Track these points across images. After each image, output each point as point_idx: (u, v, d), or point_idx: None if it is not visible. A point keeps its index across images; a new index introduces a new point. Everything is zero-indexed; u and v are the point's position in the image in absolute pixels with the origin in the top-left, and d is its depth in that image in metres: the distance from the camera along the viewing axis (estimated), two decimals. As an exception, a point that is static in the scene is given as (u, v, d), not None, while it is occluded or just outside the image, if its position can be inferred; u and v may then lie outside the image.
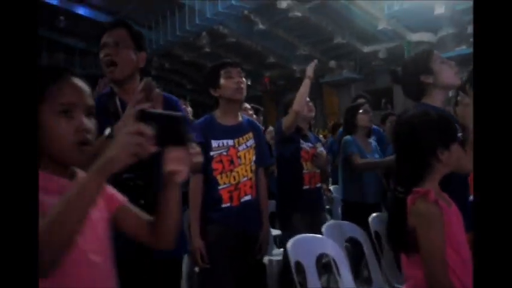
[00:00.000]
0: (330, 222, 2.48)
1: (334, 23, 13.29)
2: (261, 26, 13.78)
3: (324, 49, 15.14)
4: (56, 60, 18.28)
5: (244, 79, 2.10)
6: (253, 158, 2.15)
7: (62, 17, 15.91)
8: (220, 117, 2.13)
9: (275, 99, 17.56)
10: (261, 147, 2.22)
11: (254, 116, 2.74)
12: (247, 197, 2.09)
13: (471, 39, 12.78)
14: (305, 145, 2.78)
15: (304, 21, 13.11)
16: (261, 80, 17.68)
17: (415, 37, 12.77)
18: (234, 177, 2.07)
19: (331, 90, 16.65)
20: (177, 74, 19.26)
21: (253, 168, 2.14)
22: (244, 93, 2.10)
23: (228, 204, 2.04)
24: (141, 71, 1.70)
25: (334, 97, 16.62)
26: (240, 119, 2.19)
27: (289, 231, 2.50)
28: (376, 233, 2.35)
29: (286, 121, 2.67)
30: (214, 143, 2.06)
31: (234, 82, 2.06)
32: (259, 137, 2.23)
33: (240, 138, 2.12)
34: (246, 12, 13.33)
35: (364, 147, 2.97)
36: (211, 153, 2.05)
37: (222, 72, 2.07)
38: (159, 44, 16.01)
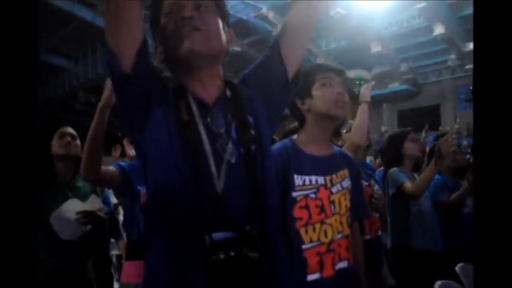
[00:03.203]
0: (442, 282, 1.89)
1: (273, 58, 13.42)
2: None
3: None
4: None
5: (347, 94, 1.50)
6: (349, 205, 1.50)
7: None
8: (306, 143, 1.49)
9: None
10: (357, 191, 1.57)
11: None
12: (344, 264, 1.42)
13: (404, 77, 13.64)
14: None
15: (243, 55, 13.10)
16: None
17: (350, 74, 13.30)
18: (326, 233, 1.40)
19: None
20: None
21: (349, 220, 1.49)
22: (345, 111, 1.49)
23: (317, 276, 1.37)
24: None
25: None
26: (333, 148, 1.55)
27: None
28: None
29: None
30: (297, 180, 1.41)
31: (333, 92, 1.45)
32: (355, 176, 1.57)
33: (334, 176, 1.46)
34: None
35: (413, 181, 2.43)
36: (294, 194, 1.40)
37: (319, 77, 1.47)
38: (87, 77, 15.16)
